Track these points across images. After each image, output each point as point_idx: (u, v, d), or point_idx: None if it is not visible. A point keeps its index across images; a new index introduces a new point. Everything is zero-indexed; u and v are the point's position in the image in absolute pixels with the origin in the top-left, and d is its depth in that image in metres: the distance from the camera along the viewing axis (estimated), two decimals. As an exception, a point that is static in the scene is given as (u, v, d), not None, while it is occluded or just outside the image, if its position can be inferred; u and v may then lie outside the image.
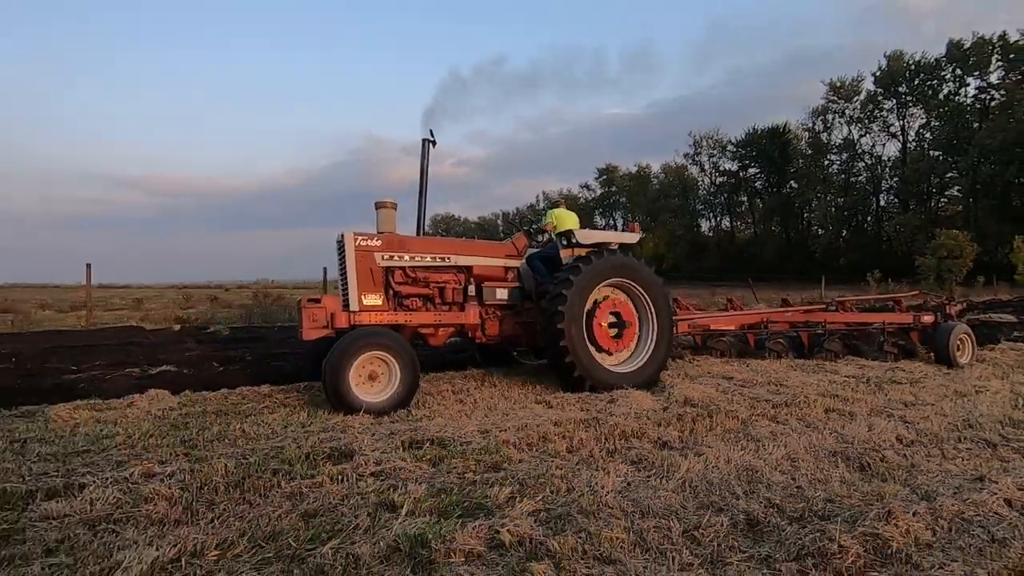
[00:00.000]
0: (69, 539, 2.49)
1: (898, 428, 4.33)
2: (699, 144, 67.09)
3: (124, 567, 2.21)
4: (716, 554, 2.38)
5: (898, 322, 8.04)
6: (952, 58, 44.71)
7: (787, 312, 8.41)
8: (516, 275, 6.38)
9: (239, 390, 5.76)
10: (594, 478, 3.21)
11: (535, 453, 3.75)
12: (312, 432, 4.17)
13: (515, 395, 5.59)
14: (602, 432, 4.15)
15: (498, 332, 6.11)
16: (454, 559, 2.32)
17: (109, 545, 2.42)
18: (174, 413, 4.82)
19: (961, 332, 7.54)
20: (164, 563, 2.27)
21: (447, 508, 2.81)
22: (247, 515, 2.73)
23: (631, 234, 6.64)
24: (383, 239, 5.57)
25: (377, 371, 4.85)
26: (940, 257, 24.32)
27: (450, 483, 3.16)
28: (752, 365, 7.14)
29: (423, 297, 5.81)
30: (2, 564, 2.29)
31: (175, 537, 2.47)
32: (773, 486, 3.13)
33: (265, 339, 10.10)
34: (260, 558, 2.35)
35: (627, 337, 6.08)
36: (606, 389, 5.49)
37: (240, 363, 7.57)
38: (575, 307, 5.53)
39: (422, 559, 2.33)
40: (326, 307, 5.19)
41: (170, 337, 10.31)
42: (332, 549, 2.37)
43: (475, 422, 4.45)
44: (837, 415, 4.76)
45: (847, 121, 54.06)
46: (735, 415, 4.64)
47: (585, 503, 2.86)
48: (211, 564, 2.30)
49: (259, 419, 4.58)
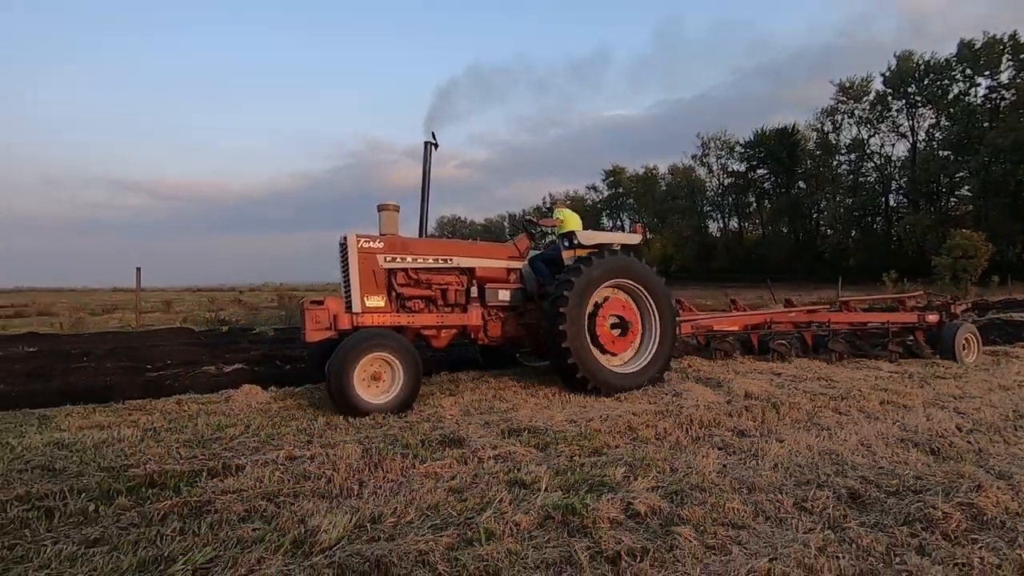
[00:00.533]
0: (255, 509, 2.84)
1: (955, 418, 4.64)
2: (707, 145, 67.26)
3: (324, 530, 2.55)
4: (832, 520, 2.71)
5: (903, 322, 8.05)
6: (962, 58, 44.79)
7: (791, 312, 8.41)
8: (518, 276, 6.39)
9: (320, 385, 6.12)
10: (692, 461, 3.55)
11: (627, 440, 4.08)
12: (412, 422, 4.53)
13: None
14: (681, 422, 4.48)
15: (500, 333, 6.13)
16: (602, 525, 2.65)
17: (296, 513, 2.77)
18: (274, 406, 5.18)
19: (967, 331, 7.58)
20: (353, 527, 2.62)
21: (573, 485, 3.15)
22: (399, 491, 3.08)
23: (634, 235, 6.67)
24: (386, 241, 5.61)
25: (381, 372, 4.90)
26: (955, 257, 24.52)
27: (564, 465, 3.50)
28: (796, 363, 7.44)
29: (425, 299, 5.84)
30: (211, 528, 2.64)
31: (349, 507, 2.82)
32: (859, 467, 3.45)
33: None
34: (431, 524, 2.69)
35: (630, 338, 6.09)
36: (609, 391, 5.56)
37: (301, 361, 7.92)
38: (577, 308, 5.57)
39: (574, 525, 2.66)
40: (329, 309, 5.22)
41: (222, 338, 10.69)
42: (491, 517, 2.71)
43: (560, 414, 4.79)
44: (893, 407, 5.08)
45: (856, 121, 54.15)
46: (798, 407, 4.96)
47: (694, 481, 3.19)
48: (391, 528, 2.64)
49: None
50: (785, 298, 9.78)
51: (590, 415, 4.70)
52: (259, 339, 10.54)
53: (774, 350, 7.76)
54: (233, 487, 3.11)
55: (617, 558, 2.37)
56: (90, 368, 7.25)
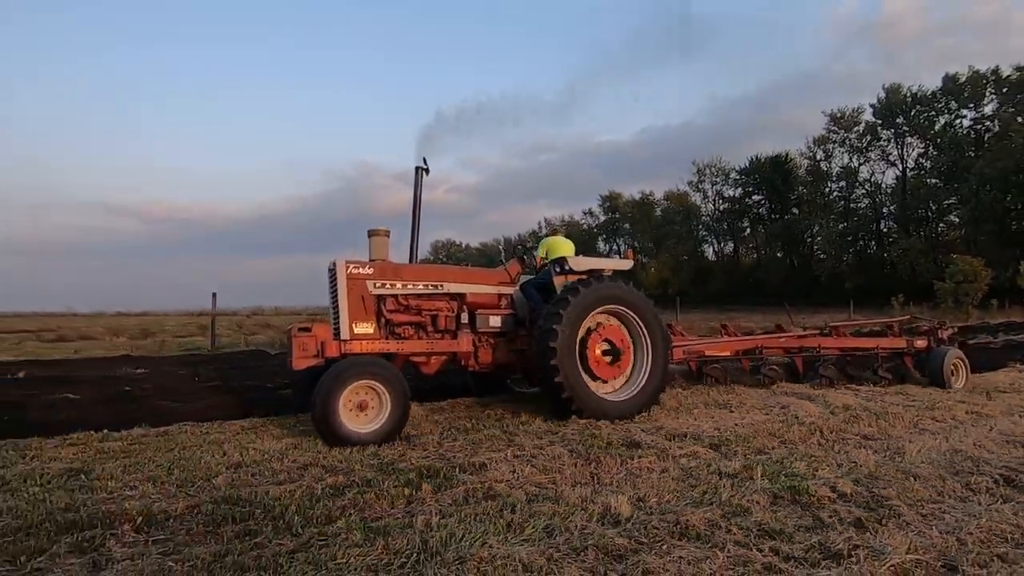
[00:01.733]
0: (534, 493, 3.48)
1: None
2: (702, 172, 69.11)
3: (615, 507, 3.20)
4: (1004, 496, 3.42)
5: (892, 347, 8.03)
6: (948, 91, 47.01)
7: (781, 338, 8.24)
8: (510, 302, 6.36)
9: (448, 402, 6.80)
10: (850, 456, 4.25)
11: (777, 442, 4.77)
12: (585, 426, 5.19)
13: (690, 402, 6.58)
14: (811, 428, 5.19)
15: (492, 360, 6.09)
16: (825, 501, 3.33)
17: (573, 496, 3.42)
18: (442, 416, 5.87)
19: (954, 356, 7.59)
20: (633, 505, 3.27)
21: (773, 475, 3.83)
22: (634, 480, 3.74)
23: (625, 261, 6.70)
24: (375, 267, 5.59)
25: (367, 401, 4.83)
26: (957, 282, 25.67)
27: (748, 460, 4.18)
28: (854, 386, 8.06)
29: (415, 325, 5.78)
30: (518, 506, 3.27)
31: (608, 491, 3.48)
32: (991, 460, 4.17)
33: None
34: (686, 502, 3.34)
35: (622, 364, 6.05)
36: (599, 419, 5.50)
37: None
38: (568, 335, 5.56)
39: (803, 501, 3.35)
40: (316, 336, 5.13)
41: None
42: (731, 497, 3.38)
43: (700, 422, 5.47)
44: (977, 416, 5.82)
45: (847, 150, 56.20)
46: (900, 416, 5.69)
47: (865, 471, 3.89)
48: (661, 505, 3.29)
49: (521, 419, 5.63)
50: (776, 323, 9.82)
51: (727, 424, 5.39)
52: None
53: (765, 375, 7.77)
54: (498, 478, 3.75)
55: (859, 523, 3.05)
56: (216, 387, 7.82)
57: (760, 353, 7.95)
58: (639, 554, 2.65)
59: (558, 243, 7.04)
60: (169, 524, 3.06)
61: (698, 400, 6.70)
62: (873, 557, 2.61)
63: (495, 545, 2.71)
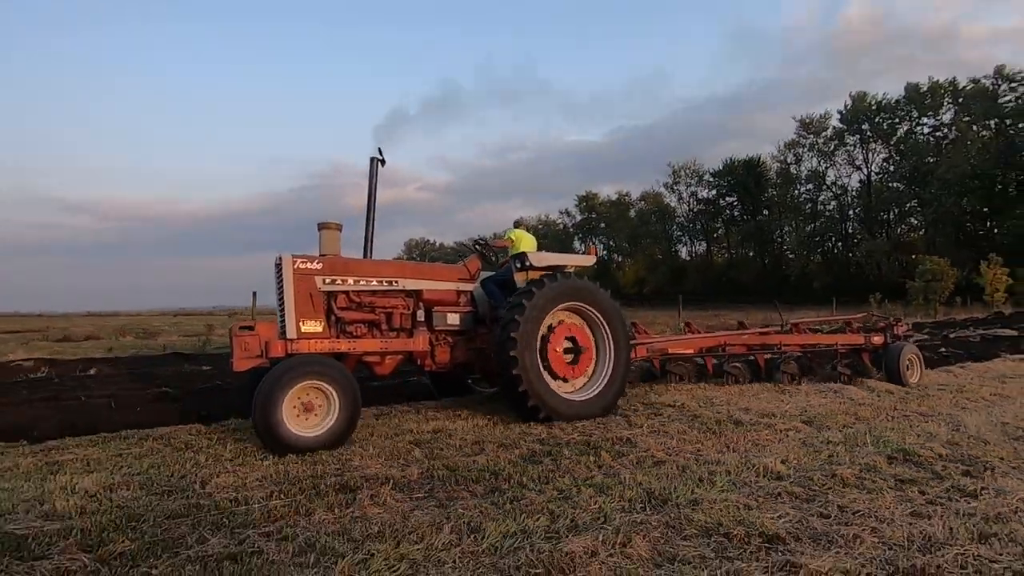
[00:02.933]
0: (660, 459, 4.15)
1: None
2: (677, 173, 70.99)
3: (774, 464, 3.90)
4: (1067, 453, 4.24)
5: (851, 343, 8.15)
6: (910, 99, 49.73)
7: (744, 335, 8.23)
8: (469, 299, 6.20)
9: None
10: (924, 427, 5.04)
11: (853, 419, 5.54)
12: (685, 408, 5.85)
13: (740, 390, 7.32)
14: (873, 409, 6.00)
15: (449, 359, 5.89)
16: (934, 459, 4.09)
17: (712, 461, 4.10)
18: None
19: (910, 352, 7.77)
20: (780, 463, 3.97)
21: (875, 441, 4.57)
22: (773, 445, 4.44)
23: (587, 256, 6.61)
24: (325, 261, 5.32)
25: (314, 402, 4.56)
26: (926, 280, 27.50)
27: (844, 433, 4.92)
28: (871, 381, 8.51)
29: (368, 323, 5.54)
30: (649, 464, 3.93)
31: (750, 453, 4.17)
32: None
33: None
34: (821, 462, 4.06)
35: (583, 363, 5.92)
36: (561, 419, 5.38)
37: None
38: (528, 333, 5.41)
39: (915, 460, 4.09)
40: (260, 335, 4.84)
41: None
42: (854, 458, 4.10)
43: (775, 405, 6.20)
44: (1001, 396, 6.76)
45: (816, 154, 58.73)
46: (940, 397, 6.58)
47: (946, 438, 4.68)
48: (803, 464, 3.99)
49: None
50: (738, 320, 9.74)
51: (799, 405, 6.16)
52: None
53: (728, 373, 7.74)
54: (653, 448, 4.39)
55: (968, 473, 3.81)
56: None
57: (723, 351, 7.92)
58: (824, 495, 3.35)
59: (522, 237, 6.84)
60: (414, 486, 3.61)
61: (748, 388, 7.44)
62: (999, 495, 3.36)
63: (703, 493, 3.36)
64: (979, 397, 6.64)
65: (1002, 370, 9.00)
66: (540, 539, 2.77)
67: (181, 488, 3.56)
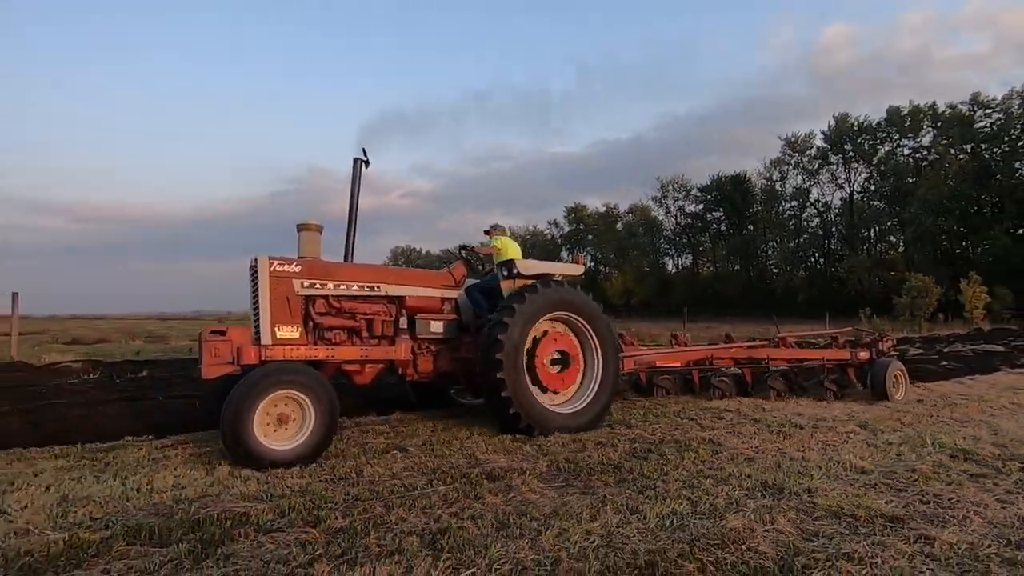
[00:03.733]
0: (782, 456, 4.61)
1: (1071, 410, 6.97)
2: (665, 187, 72.36)
3: (852, 460, 4.37)
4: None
5: (837, 359, 8.14)
6: (891, 121, 51.62)
7: (731, 348, 8.24)
8: (453, 307, 6.08)
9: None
10: (967, 431, 5.58)
11: (899, 423, 6.07)
12: (741, 412, 6.32)
13: (770, 397, 7.84)
14: (914, 415, 6.54)
15: (432, 368, 5.76)
16: (988, 458, 4.61)
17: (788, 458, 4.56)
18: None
19: (895, 368, 7.71)
20: (867, 456, 4.45)
21: (932, 443, 5.08)
22: (836, 444, 4.92)
23: (575, 266, 6.53)
24: (303, 264, 5.13)
25: (288, 413, 4.34)
26: (912, 297, 28.62)
27: (900, 435, 5.43)
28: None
29: (348, 330, 5.36)
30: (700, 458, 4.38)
31: (834, 448, 4.64)
32: (1067, 433, 5.60)
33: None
34: (892, 460, 4.54)
35: (571, 375, 5.84)
36: (545, 431, 5.28)
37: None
38: (515, 340, 5.30)
39: (973, 458, 4.60)
40: (232, 340, 4.62)
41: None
42: (918, 456, 4.60)
43: (822, 412, 6.71)
44: (1017, 406, 7.35)
45: (800, 172, 60.49)
46: (966, 405, 7.16)
47: (992, 440, 5.21)
48: (877, 460, 4.48)
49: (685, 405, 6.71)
50: (725, 333, 9.78)
51: (845, 411, 6.68)
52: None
53: (715, 387, 7.74)
54: (738, 446, 4.84)
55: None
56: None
57: (711, 364, 7.96)
58: (913, 486, 3.82)
59: (507, 244, 6.61)
60: (548, 476, 4.00)
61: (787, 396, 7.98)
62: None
63: (810, 484, 3.82)
64: (1000, 405, 7.24)
65: (1008, 382, 9.66)
66: (696, 518, 3.20)
67: (344, 476, 3.91)
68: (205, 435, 5.27)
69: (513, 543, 2.84)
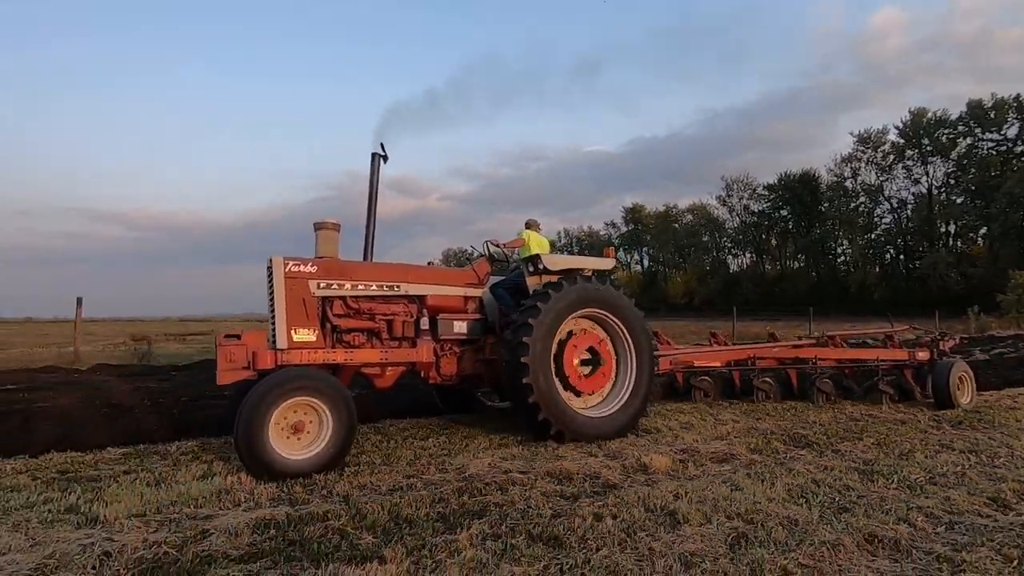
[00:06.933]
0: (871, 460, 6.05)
1: None
2: (730, 186, 71.80)
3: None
4: None
5: (893, 359, 7.58)
6: (973, 115, 49.62)
7: (775, 347, 7.76)
8: (478, 306, 5.82)
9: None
10: None
11: (964, 431, 7.27)
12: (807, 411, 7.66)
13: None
14: (970, 420, 7.67)
15: (456, 371, 5.53)
16: None
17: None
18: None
19: (960, 370, 7.10)
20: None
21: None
22: (912, 443, 6.30)
23: (606, 260, 6.15)
24: (319, 264, 4.98)
25: (304, 421, 4.23)
26: (1017, 295, 28.03)
27: (969, 433, 6.70)
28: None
29: (367, 332, 5.20)
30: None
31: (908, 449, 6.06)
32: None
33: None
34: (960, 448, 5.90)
35: (602, 377, 5.56)
36: (575, 436, 5.07)
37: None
38: (543, 339, 5.06)
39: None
40: (246, 345, 4.50)
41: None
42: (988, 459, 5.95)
43: (885, 413, 7.97)
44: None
45: (873, 168, 58.87)
46: (996, 414, 8.22)
47: None
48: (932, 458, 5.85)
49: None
50: (769, 332, 9.30)
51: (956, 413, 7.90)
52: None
53: (758, 388, 7.37)
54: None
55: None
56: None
57: (753, 364, 7.56)
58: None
59: (532, 238, 6.35)
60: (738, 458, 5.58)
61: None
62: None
63: (916, 474, 5.17)
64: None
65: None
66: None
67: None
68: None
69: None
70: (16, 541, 3.07)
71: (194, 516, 3.46)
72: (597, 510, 3.50)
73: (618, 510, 3.50)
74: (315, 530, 3.22)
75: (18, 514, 3.51)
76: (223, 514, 3.50)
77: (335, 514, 3.45)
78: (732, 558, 2.87)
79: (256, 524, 3.29)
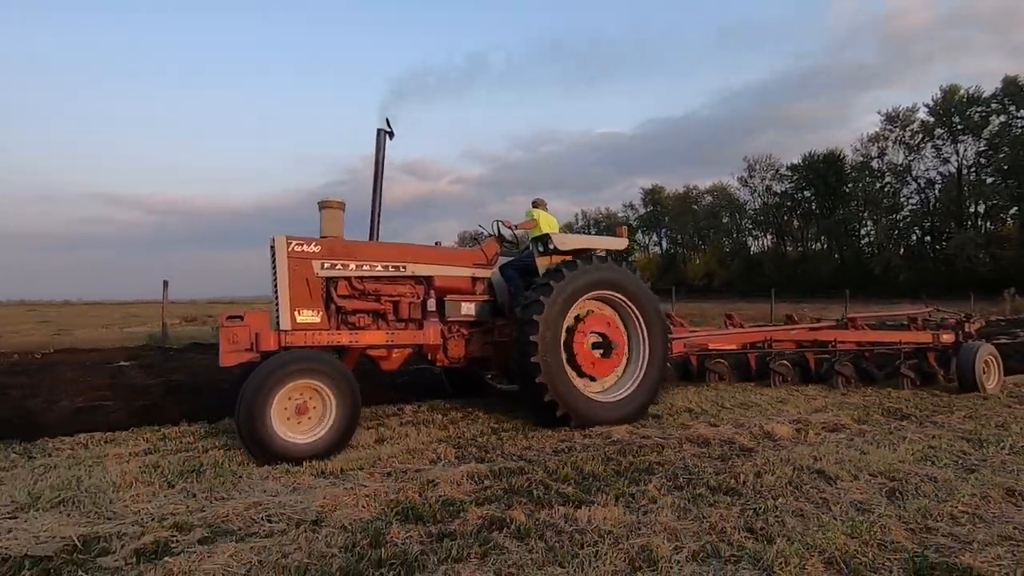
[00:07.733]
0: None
1: None
2: (752, 167, 71.03)
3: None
4: None
5: (915, 342, 7.39)
6: (1007, 92, 48.53)
7: (792, 330, 7.56)
8: (486, 287, 5.72)
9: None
10: None
11: (993, 412, 7.52)
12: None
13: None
14: (1002, 401, 7.91)
15: (464, 353, 5.43)
16: None
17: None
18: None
19: (987, 353, 6.85)
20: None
21: None
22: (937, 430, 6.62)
23: (619, 239, 5.98)
24: (323, 244, 4.89)
25: (308, 403, 4.19)
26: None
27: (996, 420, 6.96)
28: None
29: (373, 313, 5.13)
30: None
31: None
32: None
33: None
34: None
35: (613, 360, 5.43)
36: (583, 422, 4.95)
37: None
38: (553, 320, 4.94)
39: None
40: (249, 326, 4.43)
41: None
42: None
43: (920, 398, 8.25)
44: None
45: (901, 147, 57.88)
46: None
47: None
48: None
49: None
50: (785, 314, 9.12)
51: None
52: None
53: (775, 371, 7.22)
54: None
55: None
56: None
57: (769, 347, 7.40)
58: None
59: (544, 218, 6.24)
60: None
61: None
62: None
63: (1022, 443, 5.48)
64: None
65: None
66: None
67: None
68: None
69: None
70: (279, 487, 3.56)
71: (405, 471, 3.87)
72: (755, 468, 3.84)
73: (772, 468, 3.85)
74: (520, 481, 3.58)
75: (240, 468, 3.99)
76: (430, 468, 3.88)
77: (528, 470, 3.81)
78: (899, 505, 3.24)
79: (469, 476, 3.67)
